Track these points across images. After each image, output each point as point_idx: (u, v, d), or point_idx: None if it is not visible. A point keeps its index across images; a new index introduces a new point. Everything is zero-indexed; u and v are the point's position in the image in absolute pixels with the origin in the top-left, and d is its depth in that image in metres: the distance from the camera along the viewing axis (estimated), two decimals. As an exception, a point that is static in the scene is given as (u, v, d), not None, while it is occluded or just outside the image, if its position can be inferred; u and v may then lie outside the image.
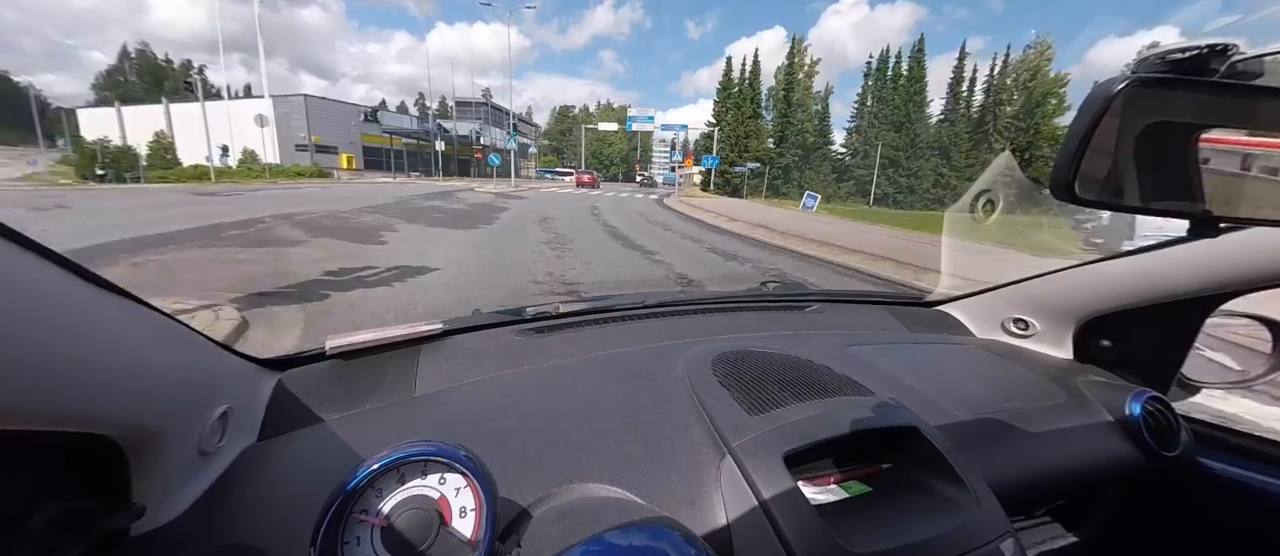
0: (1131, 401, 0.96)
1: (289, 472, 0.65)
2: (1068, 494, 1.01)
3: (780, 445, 0.68)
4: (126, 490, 0.50)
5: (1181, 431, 0.98)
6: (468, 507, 0.51)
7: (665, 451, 0.71)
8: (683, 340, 1.05)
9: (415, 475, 0.51)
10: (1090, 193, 0.64)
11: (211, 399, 0.62)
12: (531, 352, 0.96)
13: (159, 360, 0.53)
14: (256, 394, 0.75)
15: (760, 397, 0.78)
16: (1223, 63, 0.56)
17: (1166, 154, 0.67)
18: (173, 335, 0.58)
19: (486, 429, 0.73)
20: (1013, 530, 0.66)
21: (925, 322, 1.36)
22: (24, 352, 0.35)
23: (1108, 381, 1.07)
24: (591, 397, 0.81)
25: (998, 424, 0.90)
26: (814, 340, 1.14)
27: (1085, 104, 0.59)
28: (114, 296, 0.49)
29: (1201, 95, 0.60)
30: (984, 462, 0.79)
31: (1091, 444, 0.93)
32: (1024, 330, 1.26)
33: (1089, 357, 1.17)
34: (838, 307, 1.39)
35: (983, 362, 1.15)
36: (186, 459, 0.57)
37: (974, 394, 0.96)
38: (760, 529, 0.61)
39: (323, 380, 0.82)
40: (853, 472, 0.77)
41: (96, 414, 0.43)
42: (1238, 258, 0.88)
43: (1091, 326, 1.16)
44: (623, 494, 0.64)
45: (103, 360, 0.43)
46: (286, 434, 0.72)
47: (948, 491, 0.70)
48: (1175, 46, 0.57)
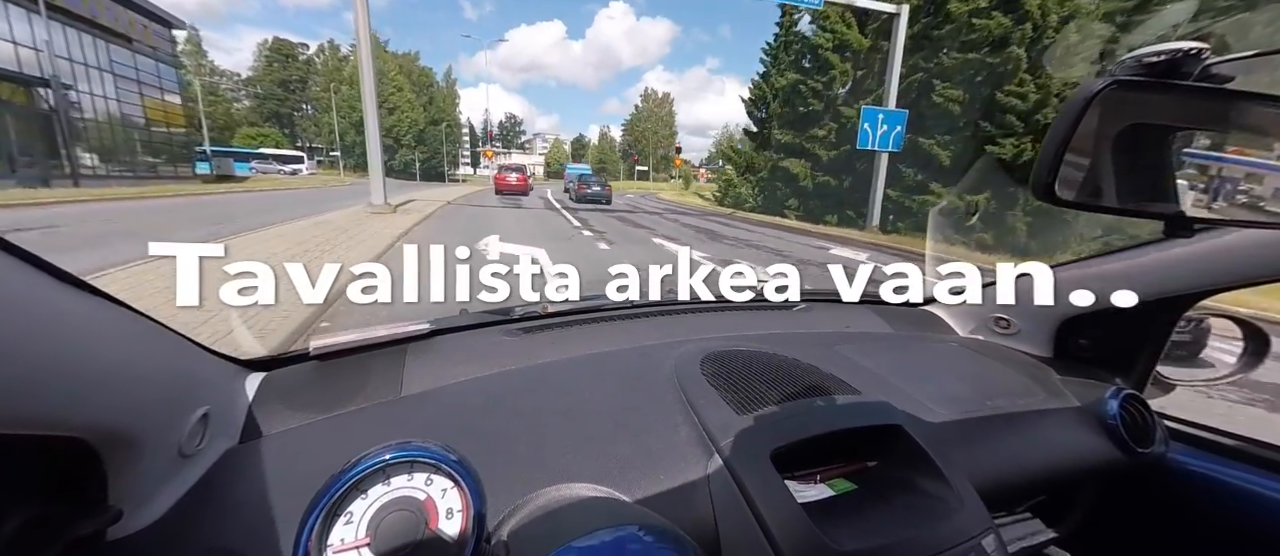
0: (1109, 399, 0.99)
1: (272, 475, 0.64)
2: (1048, 490, 1.03)
3: (767, 444, 0.69)
4: (102, 494, 0.49)
5: (1156, 428, 1.01)
6: (454, 509, 0.51)
7: (653, 451, 0.71)
8: (671, 340, 1.05)
9: (401, 476, 0.50)
10: (1070, 194, 0.65)
11: (191, 400, 0.61)
12: (519, 352, 0.96)
13: (135, 361, 0.52)
14: (238, 395, 0.74)
15: (748, 397, 0.79)
16: (1196, 65, 0.57)
17: (1143, 156, 0.69)
18: (149, 335, 0.56)
19: (474, 429, 0.72)
20: (994, 526, 0.67)
21: (911, 322, 1.38)
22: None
23: (1086, 379, 1.09)
24: (580, 397, 0.81)
25: (980, 421, 0.92)
26: (801, 339, 1.15)
27: (1065, 107, 0.60)
28: (86, 295, 0.47)
29: (1177, 98, 0.62)
30: (967, 459, 0.80)
31: (1071, 441, 0.95)
32: (1006, 329, 1.28)
33: (1069, 356, 1.20)
34: (825, 307, 1.41)
35: (966, 361, 1.16)
36: (165, 461, 0.56)
37: (957, 392, 0.98)
38: (747, 527, 0.61)
39: (307, 381, 0.81)
40: (839, 470, 0.78)
41: (67, 416, 0.42)
42: (1211, 258, 0.90)
43: (1071, 325, 1.18)
44: (611, 494, 0.64)
45: (74, 361, 0.42)
46: (269, 436, 0.71)
47: (931, 488, 0.71)
48: (1151, 49, 0.58)
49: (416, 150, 54.21)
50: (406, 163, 53.19)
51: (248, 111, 54.00)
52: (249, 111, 54.03)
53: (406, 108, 52.29)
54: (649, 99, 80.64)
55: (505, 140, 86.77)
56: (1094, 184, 0.67)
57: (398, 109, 51.00)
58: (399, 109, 51.10)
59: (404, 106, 51.93)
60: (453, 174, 61.56)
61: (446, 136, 58.83)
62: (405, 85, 52.10)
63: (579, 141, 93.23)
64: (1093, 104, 0.59)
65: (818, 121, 19.62)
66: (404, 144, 52.48)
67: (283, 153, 43.64)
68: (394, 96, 50.45)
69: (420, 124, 54.50)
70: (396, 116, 50.69)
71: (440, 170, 57.85)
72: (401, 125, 51.63)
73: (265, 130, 51.57)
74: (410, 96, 53.32)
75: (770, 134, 22.86)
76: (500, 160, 49.13)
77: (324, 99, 50.88)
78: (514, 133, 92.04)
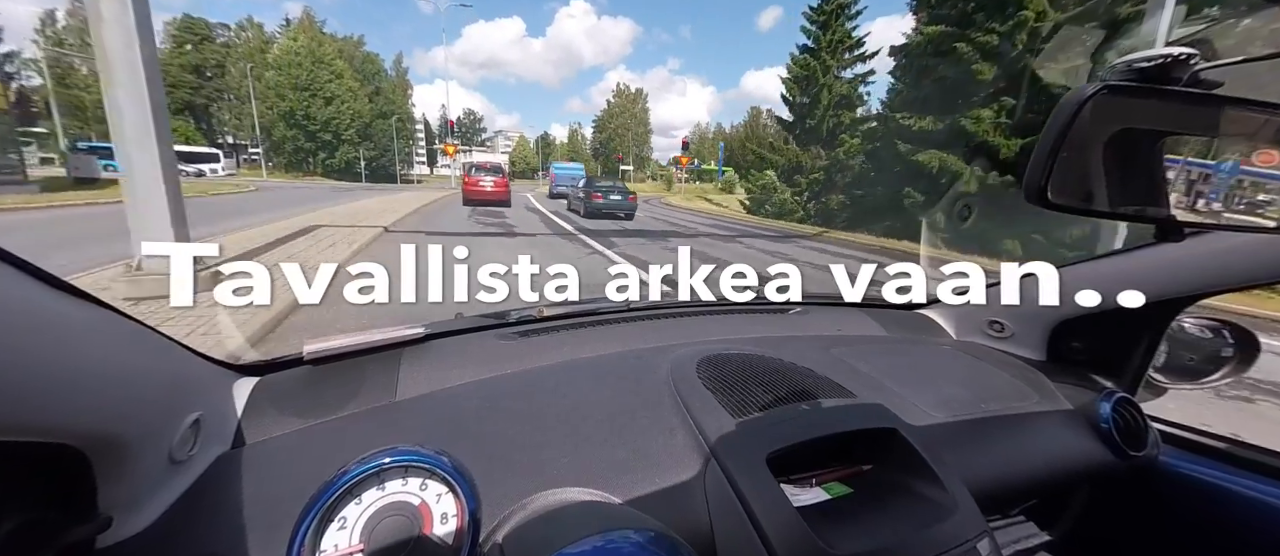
0: (1101, 402, 0.99)
1: (264, 481, 0.63)
2: (1041, 493, 1.03)
3: (763, 447, 0.69)
4: (92, 501, 0.48)
5: (1148, 432, 1.01)
6: (449, 513, 0.50)
7: (649, 455, 0.71)
8: (667, 343, 1.05)
9: (396, 481, 0.50)
10: (1062, 198, 0.66)
11: (183, 405, 0.60)
12: (515, 356, 0.95)
13: (125, 366, 0.51)
14: (230, 400, 0.73)
15: (744, 400, 0.79)
16: (1186, 71, 0.58)
17: (1134, 160, 0.69)
18: (140, 340, 0.56)
19: (469, 433, 0.72)
20: (989, 530, 0.67)
21: (905, 325, 1.38)
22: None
23: (1079, 383, 1.10)
24: (576, 401, 0.80)
25: (975, 425, 0.92)
26: (797, 343, 1.15)
27: (1057, 111, 0.61)
28: (75, 299, 0.47)
29: (1167, 103, 0.62)
30: (961, 463, 0.80)
31: (1064, 444, 0.96)
32: (1000, 332, 1.28)
33: (1062, 359, 1.20)
34: (820, 310, 1.41)
35: (961, 365, 1.17)
36: (156, 468, 0.55)
37: (952, 395, 0.98)
38: (743, 531, 0.61)
39: (300, 385, 0.80)
40: (834, 474, 0.78)
41: (56, 422, 0.41)
42: (1201, 262, 0.91)
43: (1064, 328, 1.19)
44: (606, 498, 0.64)
45: (63, 366, 0.42)
46: (262, 441, 0.71)
47: (926, 492, 0.72)
48: (1142, 55, 0.59)
49: (361, 147, 47.57)
50: (348, 161, 46.88)
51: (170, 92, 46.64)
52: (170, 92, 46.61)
53: (347, 97, 45.30)
54: (621, 95, 77.49)
55: (464, 137, 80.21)
56: (1086, 188, 0.67)
57: (337, 98, 44.37)
58: (338, 98, 44.51)
59: (344, 95, 44.95)
60: (406, 174, 56.78)
61: (398, 132, 52.71)
62: (346, 71, 45.24)
63: (545, 139, 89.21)
64: (1084, 109, 0.59)
65: (978, 92, 12.91)
66: (345, 139, 46.13)
67: (189, 149, 35.71)
68: (332, 84, 43.95)
69: (365, 117, 47.66)
70: (335, 107, 44.31)
71: (391, 170, 51.77)
72: (341, 117, 44.93)
73: (171, 123, 44.80)
74: (352, 85, 46.28)
75: (821, 125, 18.57)
76: (466, 157, 42.15)
77: (245, 87, 43.71)
78: (474, 129, 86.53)
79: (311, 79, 42.84)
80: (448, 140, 41.94)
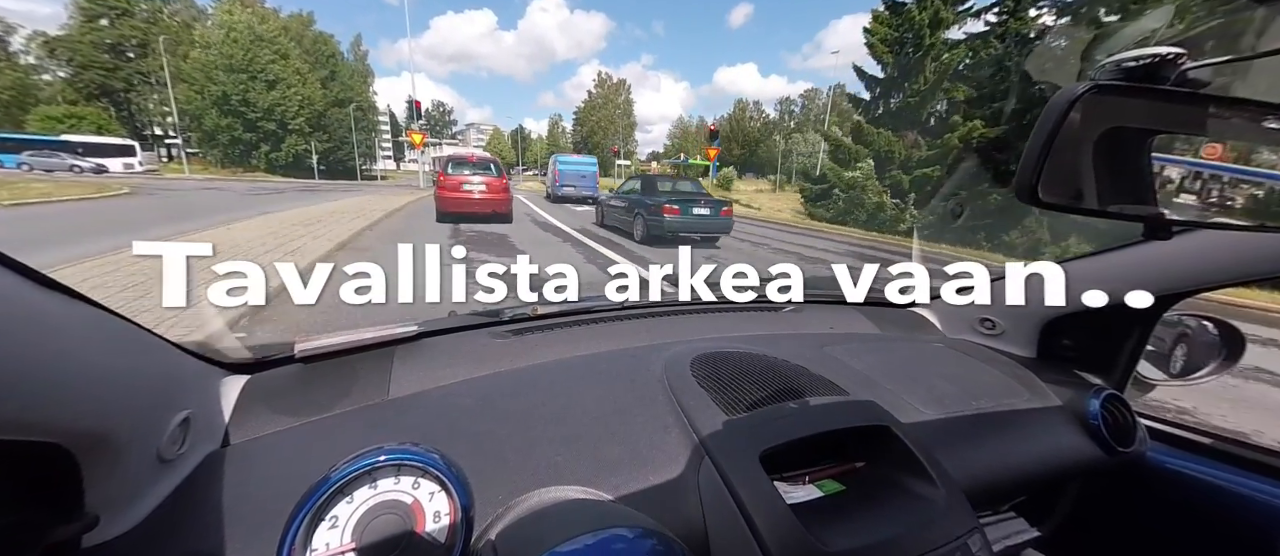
0: (1090, 399, 1.00)
1: (255, 480, 0.63)
2: (1031, 489, 1.05)
3: (757, 445, 0.69)
4: (78, 500, 0.48)
5: (1137, 428, 1.02)
6: (442, 512, 0.50)
7: (643, 453, 0.71)
8: (661, 341, 1.05)
9: (388, 479, 0.50)
10: (1052, 196, 0.66)
11: (171, 403, 0.59)
12: (509, 354, 0.95)
13: (112, 363, 0.51)
14: (220, 398, 0.73)
15: (737, 398, 0.79)
16: (1174, 70, 0.58)
17: (1123, 159, 0.70)
18: (128, 337, 0.55)
19: (462, 431, 0.72)
20: (980, 526, 0.68)
21: (898, 323, 1.39)
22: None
23: (1069, 379, 1.11)
24: (569, 400, 0.80)
25: (966, 421, 0.93)
26: (791, 341, 1.15)
27: (1047, 109, 0.61)
28: (60, 297, 0.46)
29: (1155, 102, 0.63)
30: (953, 460, 0.81)
31: (1054, 441, 0.97)
32: (991, 329, 1.29)
33: (1052, 356, 1.22)
34: (814, 309, 1.41)
35: (952, 362, 1.18)
36: (144, 466, 0.55)
37: (944, 392, 0.99)
38: (737, 529, 0.61)
39: (291, 383, 0.80)
40: (828, 471, 0.78)
41: (41, 420, 0.41)
42: (1188, 260, 0.92)
43: (1054, 326, 1.20)
44: (600, 495, 0.64)
45: (48, 363, 0.41)
46: (252, 439, 0.70)
47: (918, 489, 0.72)
48: (1130, 54, 0.59)
49: (312, 138, 40.93)
50: (298, 154, 40.34)
51: (63, 86, 38.84)
52: (64, 86, 38.84)
53: (294, 81, 38.56)
54: (603, 84, 72.70)
55: (434, 130, 75.62)
56: (1076, 186, 0.68)
57: (282, 81, 37.64)
58: (283, 81, 37.70)
59: (291, 79, 38.09)
60: (368, 169, 50.49)
61: (357, 122, 46.11)
62: (292, 52, 38.84)
63: (520, 133, 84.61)
64: (1074, 108, 0.60)
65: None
66: (293, 129, 39.47)
67: (94, 140, 30.34)
68: (275, 66, 37.25)
69: (317, 104, 40.76)
70: (279, 91, 37.53)
71: (350, 165, 46.09)
72: (288, 104, 38.22)
73: (81, 111, 35.97)
74: (300, 68, 39.61)
75: (923, 105, 12.62)
76: (436, 152, 36.37)
77: (170, 67, 36.90)
78: (444, 122, 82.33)
79: (250, 60, 36.38)
80: (411, 127, 30.05)
